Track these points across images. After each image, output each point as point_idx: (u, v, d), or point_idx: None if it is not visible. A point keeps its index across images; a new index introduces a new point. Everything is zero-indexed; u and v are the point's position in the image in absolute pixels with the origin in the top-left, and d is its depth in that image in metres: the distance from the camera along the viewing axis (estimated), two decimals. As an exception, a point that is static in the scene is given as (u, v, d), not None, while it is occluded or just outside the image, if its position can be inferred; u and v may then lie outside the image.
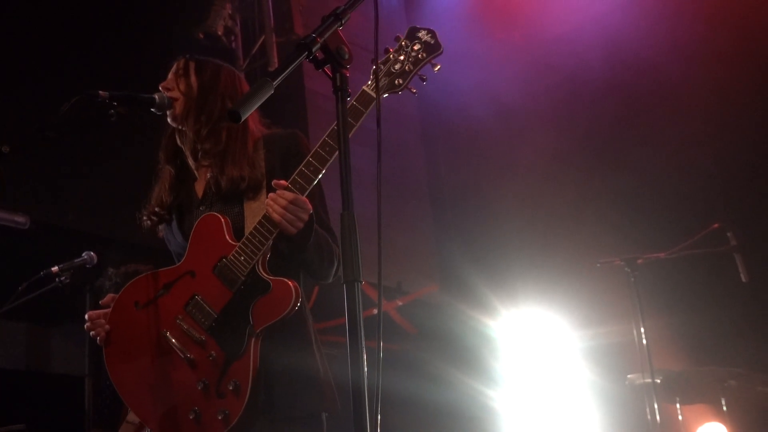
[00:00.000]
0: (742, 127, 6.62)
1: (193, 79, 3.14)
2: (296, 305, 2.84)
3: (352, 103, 2.84)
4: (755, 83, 6.54)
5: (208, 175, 3.12)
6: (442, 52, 2.95)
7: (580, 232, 6.97)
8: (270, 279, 2.88)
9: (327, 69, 2.24)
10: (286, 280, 2.87)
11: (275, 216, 2.80)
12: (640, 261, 5.50)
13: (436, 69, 2.97)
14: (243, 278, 2.88)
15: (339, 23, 2.24)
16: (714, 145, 6.71)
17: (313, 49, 2.18)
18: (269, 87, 2.12)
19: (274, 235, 2.84)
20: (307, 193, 2.84)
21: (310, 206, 2.83)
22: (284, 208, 2.78)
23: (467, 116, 8.10)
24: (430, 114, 8.76)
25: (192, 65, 3.18)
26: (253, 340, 2.84)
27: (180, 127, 3.16)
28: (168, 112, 3.13)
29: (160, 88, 3.14)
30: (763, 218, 6.38)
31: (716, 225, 5.44)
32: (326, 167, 2.85)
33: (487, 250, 7.90)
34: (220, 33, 7.05)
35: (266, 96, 2.14)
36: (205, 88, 3.13)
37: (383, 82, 2.92)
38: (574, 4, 7.67)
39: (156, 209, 3.18)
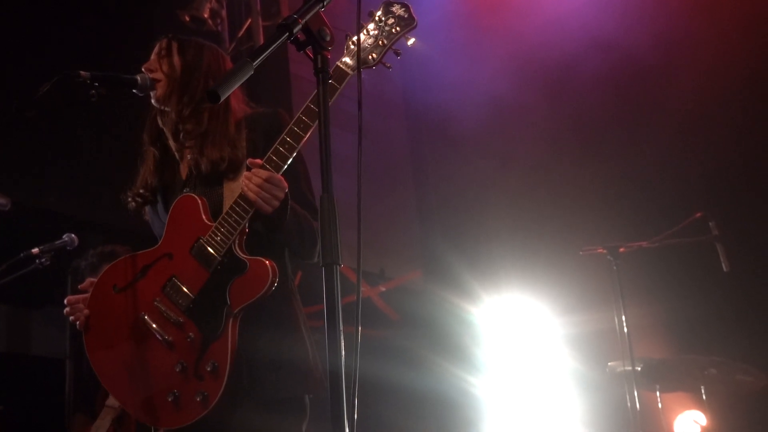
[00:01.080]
0: (726, 117, 6.63)
1: (176, 59, 3.12)
2: (273, 284, 2.82)
3: None
4: (739, 74, 6.55)
5: (189, 156, 3.09)
6: (416, 26, 2.92)
7: (563, 220, 6.99)
8: (247, 258, 2.85)
9: (308, 51, 2.23)
10: (263, 259, 2.84)
11: (250, 194, 2.77)
12: (622, 249, 5.51)
13: (410, 42, 2.93)
14: (219, 258, 2.86)
15: (321, 5, 2.22)
16: (697, 135, 6.72)
17: (294, 30, 2.16)
18: (249, 67, 2.10)
19: (250, 214, 2.82)
20: (282, 171, 2.81)
21: (285, 184, 2.80)
22: (259, 186, 2.75)
23: (452, 103, 8.07)
24: (415, 101, 8.74)
25: (175, 45, 3.15)
26: (231, 320, 2.82)
27: (163, 108, 3.13)
28: (151, 94, 3.11)
29: (143, 70, 3.11)
30: (745, 208, 6.41)
31: (698, 214, 5.45)
32: (301, 144, 2.83)
33: (471, 237, 7.91)
34: (205, 16, 7.01)
35: (246, 76, 2.12)
36: (188, 69, 3.10)
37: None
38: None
39: (140, 191, 3.17)
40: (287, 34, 2.14)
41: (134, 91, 3.08)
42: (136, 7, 6.26)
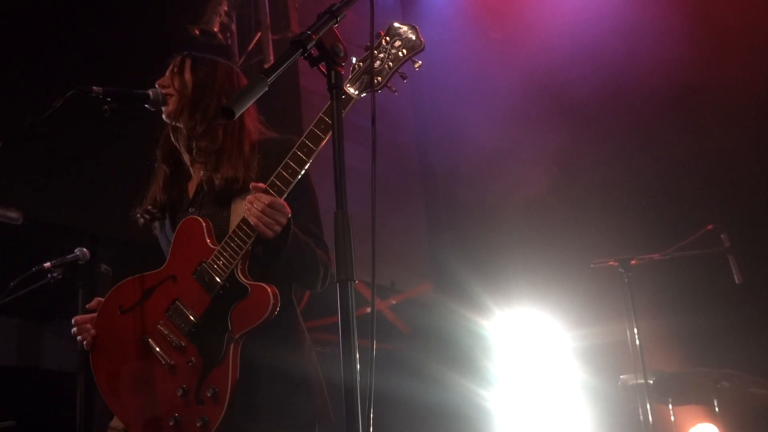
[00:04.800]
0: (737, 129, 6.63)
1: (188, 76, 3.11)
2: (275, 310, 2.80)
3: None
4: (747, 86, 6.54)
5: (201, 173, 3.08)
6: (423, 49, 2.83)
7: (574, 232, 6.97)
8: (248, 284, 2.84)
9: (322, 66, 2.22)
10: (264, 284, 2.83)
11: (252, 219, 2.75)
12: (633, 262, 5.50)
13: (417, 66, 2.85)
14: (222, 283, 2.85)
15: (334, 20, 2.22)
16: (708, 146, 6.71)
17: (308, 47, 2.16)
18: (263, 84, 2.10)
19: (253, 238, 2.80)
20: (284, 195, 2.79)
21: (287, 210, 2.78)
22: (261, 210, 2.73)
23: (462, 115, 8.08)
24: (425, 113, 8.76)
25: (188, 62, 3.15)
26: (232, 345, 2.81)
27: (174, 124, 3.14)
28: (162, 109, 3.11)
29: (157, 86, 3.12)
30: (756, 220, 6.39)
31: (710, 226, 5.45)
32: (304, 169, 2.80)
33: (481, 250, 7.89)
34: (215, 30, 7.04)
35: (260, 93, 2.12)
36: (200, 86, 3.10)
37: (362, 80, 2.82)
38: (571, 3, 7.66)
39: (149, 207, 3.16)
40: (301, 50, 2.15)
41: (146, 105, 3.09)
42: (147, 21, 6.28)
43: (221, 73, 3.15)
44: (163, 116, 3.13)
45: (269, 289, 2.82)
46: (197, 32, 6.94)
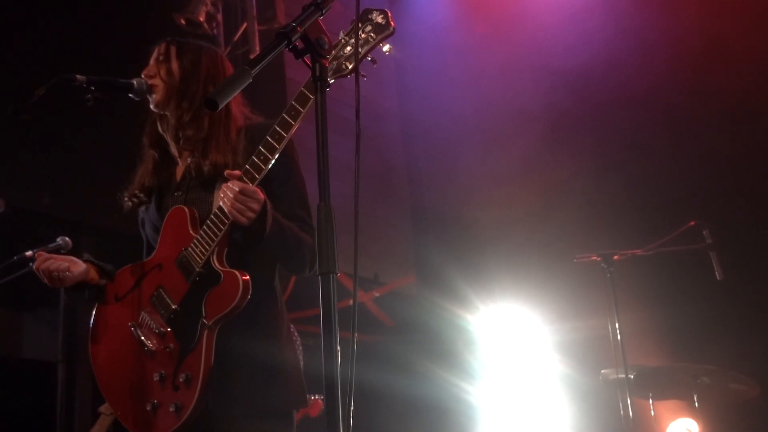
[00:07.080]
0: (719, 125, 6.66)
1: (174, 65, 3.11)
2: (245, 297, 2.83)
3: (301, 89, 2.78)
4: (730, 83, 6.58)
5: (189, 160, 3.09)
6: (393, 33, 2.79)
7: (557, 227, 6.99)
8: (222, 271, 2.87)
9: (306, 59, 2.22)
10: (236, 272, 2.86)
11: (226, 206, 2.78)
12: (616, 257, 5.51)
13: (385, 49, 2.82)
14: (198, 270, 2.89)
15: (319, 13, 2.22)
16: (691, 143, 6.74)
17: (293, 39, 2.16)
18: (247, 75, 2.11)
19: (227, 225, 2.82)
20: (257, 182, 2.80)
21: (261, 196, 2.79)
22: (234, 197, 2.75)
23: (447, 109, 8.09)
24: (410, 106, 8.75)
25: (173, 50, 3.14)
26: (206, 332, 2.84)
27: (162, 113, 3.14)
28: (150, 98, 3.10)
29: (143, 76, 3.10)
30: (738, 217, 6.42)
31: (692, 223, 5.46)
32: (275, 156, 2.81)
33: (464, 243, 7.91)
34: (201, 19, 7.00)
35: (244, 84, 2.12)
36: (186, 74, 3.09)
37: (331, 66, 2.78)
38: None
39: (136, 191, 3.18)
40: (285, 41, 2.15)
41: (131, 95, 3.08)
42: (132, 10, 6.24)
43: (207, 60, 3.15)
44: (151, 106, 3.13)
45: (240, 276, 2.84)
46: (183, 21, 6.90)
